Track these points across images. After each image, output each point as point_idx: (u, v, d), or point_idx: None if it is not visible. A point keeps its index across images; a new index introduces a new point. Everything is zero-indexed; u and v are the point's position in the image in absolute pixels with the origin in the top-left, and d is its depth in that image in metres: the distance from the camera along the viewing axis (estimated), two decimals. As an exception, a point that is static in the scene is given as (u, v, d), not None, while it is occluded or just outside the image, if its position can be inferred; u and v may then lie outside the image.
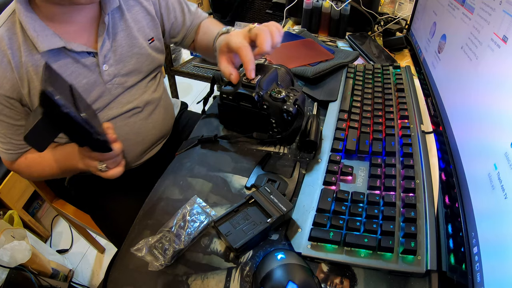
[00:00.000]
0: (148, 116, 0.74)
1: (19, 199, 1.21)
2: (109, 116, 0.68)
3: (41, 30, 0.55)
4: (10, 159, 0.65)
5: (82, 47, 0.60)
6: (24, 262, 0.95)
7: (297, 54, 0.89)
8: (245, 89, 0.55)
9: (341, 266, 0.42)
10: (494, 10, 0.46)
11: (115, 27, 0.64)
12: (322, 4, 1.03)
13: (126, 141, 0.72)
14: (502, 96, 0.40)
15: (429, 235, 0.43)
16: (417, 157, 0.54)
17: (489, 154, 0.39)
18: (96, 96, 0.64)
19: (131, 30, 0.67)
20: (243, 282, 0.41)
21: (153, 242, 0.44)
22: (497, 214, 0.35)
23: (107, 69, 0.64)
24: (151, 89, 0.75)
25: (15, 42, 0.56)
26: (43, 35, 0.55)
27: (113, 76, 0.66)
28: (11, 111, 0.59)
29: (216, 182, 0.54)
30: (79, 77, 0.61)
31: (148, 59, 0.71)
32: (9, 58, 0.56)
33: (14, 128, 0.61)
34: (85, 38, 0.62)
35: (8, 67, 0.56)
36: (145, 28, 0.70)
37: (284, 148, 0.60)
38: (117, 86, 0.67)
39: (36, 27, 0.55)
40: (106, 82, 0.65)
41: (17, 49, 0.56)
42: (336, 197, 0.48)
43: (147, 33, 0.71)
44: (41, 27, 0.55)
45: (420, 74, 0.79)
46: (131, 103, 0.70)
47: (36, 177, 0.72)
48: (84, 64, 0.61)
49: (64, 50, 0.58)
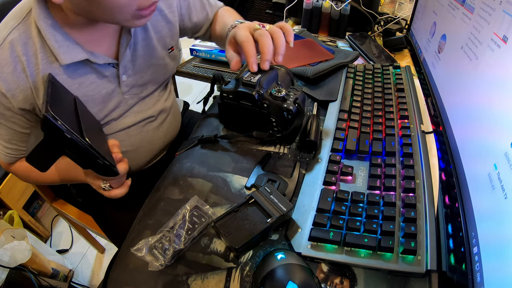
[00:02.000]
0: (160, 125, 0.74)
1: (19, 199, 1.21)
2: (123, 125, 0.67)
3: (63, 41, 0.52)
4: (7, 161, 0.63)
5: (104, 59, 0.58)
6: (24, 262, 0.95)
7: (297, 54, 0.89)
8: (245, 87, 0.55)
9: (341, 266, 0.42)
10: (494, 10, 0.46)
11: (136, 37, 0.63)
12: (322, 4, 1.03)
13: (138, 149, 0.71)
14: (502, 96, 0.40)
15: (429, 235, 0.43)
16: (417, 157, 0.54)
17: (489, 154, 0.39)
18: (113, 106, 0.63)
19: (151, 40, 0.65)
20: (243, 282, 0.41)
21: (153, 242, 0.44)
22: (497, 214, 0.35)
23: (126, 80, 0.63)
24: (164, 98, 0.75)
25: (30, 47, 0.52)
26: (65, 46, 0.52)
27: (131, 87, 0.65)
28: (20, 119, 0.57)
29: (216, 182, 0.54)
30: (99, 87, 0.60)
31: (164, 69, 0.70)
32: (23, 66, 0.52)
33: (21, 135, 0.59)
34: (105, 47, 0.59)
35: (22, 76, 0.52)
36: (165, 37, 0.68)
37: (284, 148, 0.60)
38: (133, 96, 0.66)
39: (57, 37, 0.51)
40: (124, 93, 0.64)
41: (33, 55, 0.52)
42: (336, 197, 0.48)
43: (167, 43, 0.69)
44: (63, 36, 0.52)
45: (420, 74, 0.79)
46: (145, 112, 0.69)
47: (33, 182, 0.72)
48: (104, 75, 0.60)
49: (86, 61, 0.56)
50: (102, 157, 0.43)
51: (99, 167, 0.44)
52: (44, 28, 0.50)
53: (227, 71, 1.31)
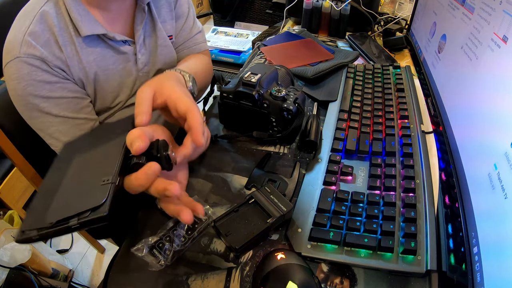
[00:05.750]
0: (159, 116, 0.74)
1: (19, 199, 1.21)
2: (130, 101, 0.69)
3: (85, 15, 0.56)
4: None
5: (121, 36, 0.61)
6: (24, 262, 0.95)
7: (297, 54, 0.89)
8: (245, 87, 0.55)
9: (341, 266, 0.42)
10: (494, 10, 0.46)
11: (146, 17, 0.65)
12: (322, 4, 1.02)
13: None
14: (502, 96, 0.40)
15: (429, 235, 0.43)
16: (417, 157, 0.54)
17: (489, 154, 0.39)
18: (131, 83, 0.66)
19: (156, 23, 0.68)
20: (243, 282, 0.41)
21: (153, 242, 0.44)
22: (497, 214, 0.35)
23: (141, 58, 0.66)
24: None
25: (61, 19, 0.55)
26: (86, 20, 0.56)
27: (144, 65, 0.67)
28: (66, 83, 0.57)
29: (216, 182, 0.54)
30: (117, 62, 0.63)
31: (170, 52, 0.72)
32: (56, 37, 0.55)
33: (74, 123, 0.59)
34: (120, 26, 0.63)
35: (55, 46, 0.55)
36: (166, 24, 0.71)
37: (284, 148, 0.60)
38: (145, 75, 0.68)
39: (80, 11, 0.55)
40: (139, 70, 0.66)
41: (64, 27, 0.56)
42: (336, 197, 0.48)
43: (168, 30, 0.71)
44: (85, 11, 0.56)
45: (420, 74, 0.79)
46: None
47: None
48: (122, 51, 0.63)
49: (103, 37, 0.59)
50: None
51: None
52: (69, 2, 0.54)
53: (227, 71, 1.31)
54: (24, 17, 0.55)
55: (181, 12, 0.74)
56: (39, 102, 0.56)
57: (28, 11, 0.55)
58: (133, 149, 0.38)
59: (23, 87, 0.54)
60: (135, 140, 0.38)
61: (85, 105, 0.62)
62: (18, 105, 0.57)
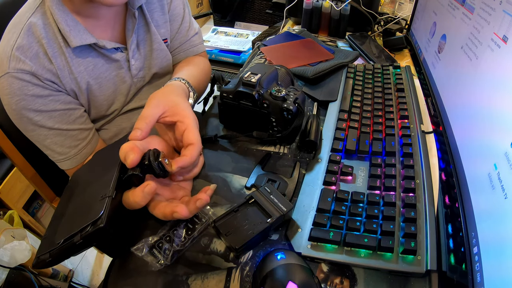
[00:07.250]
0: None
1: (19, 199, 1.21)
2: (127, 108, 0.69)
3: (73, 25, 0.55)
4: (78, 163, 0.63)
5: (112, 44, 0.60)
6: (24, 262, 0.95)
7: (297, 54, 0.89)
8: (245, 87, 0.55)
9: (341, 266, 0.42)
10: (494, 10, 0.46)
11: (139, 22, 0.65)
12: (322, 4, 1.02)
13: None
14: (502, 96, 0.40)
15: (429, 235, 0.43)
16: (417, 157, 0.54)
17: (489, 154, 0.39)
18: (125, 90, 0.65)
19: (150, 26, 0.67)
20: (243, 282, 0.41)
21: (153, 242, 0.44)
22: (497, 214, 0.35)
23: (134, 64, 0.65)
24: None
25: (49, 30, 0.55)
26: (76, 30, 0.55)
27: (139, 70, 0.67)
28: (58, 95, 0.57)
29: (216, 182, 0.54)
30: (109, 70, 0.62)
31: (165, 56, 0.71)
32: (45, 49, 0.54)
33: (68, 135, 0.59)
34: (110, 33, 0.62)
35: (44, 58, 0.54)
36: (160, 28, 0.70)
37: (284, 148, 0.60)
38: (140, 80, 0.68)
39: (68, 21, 0.54)
40: (133, 76, 0.66)
41: (53, 37, 0.55)
42: (336, 197, 0.48)
43: (162, 33, 0.70)
44: (73, 21, 0.55)
45: (420, 74, 0.79)
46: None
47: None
48: (114, 59, 0.62)
49: (94, 46, 0.59)
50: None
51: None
52: (56, 13, 0.53)
53: (227, 71, 1.31)
54: (13, 29, 0.54)
55: (176, 14, 0.73)
56: (32, 115, 0.56)
57: (15, 23, 0.54)
58: (127, 163, 0.39)
59: (16, 102, 0.54)
60: (128, 153, 0.39)
61: (79, 116, 0.61)
62: (13, 119, 0.57)
